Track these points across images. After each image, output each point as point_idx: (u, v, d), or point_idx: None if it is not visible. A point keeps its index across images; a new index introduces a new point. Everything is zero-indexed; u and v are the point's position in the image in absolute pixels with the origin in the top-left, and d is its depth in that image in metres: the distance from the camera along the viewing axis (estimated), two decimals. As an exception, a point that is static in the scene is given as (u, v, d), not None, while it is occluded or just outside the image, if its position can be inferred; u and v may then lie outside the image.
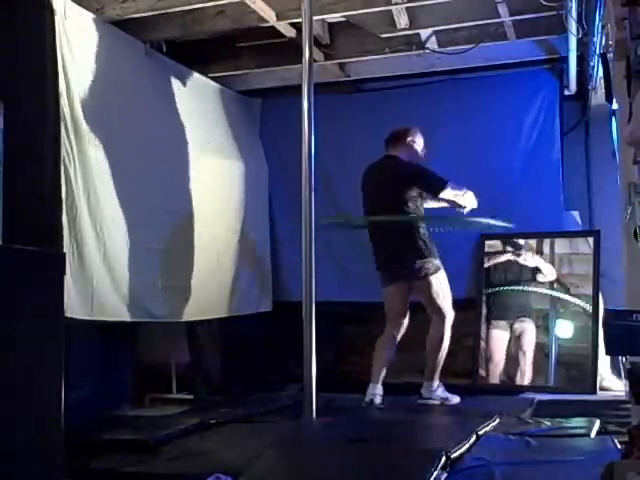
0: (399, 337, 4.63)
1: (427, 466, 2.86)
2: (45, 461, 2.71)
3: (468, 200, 4.63)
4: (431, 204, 4.72)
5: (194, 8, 4.36)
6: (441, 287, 4.53)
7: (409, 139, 4.71)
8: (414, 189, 4.57)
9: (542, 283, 5.25)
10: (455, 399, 4.57)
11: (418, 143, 4.74)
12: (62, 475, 2.78)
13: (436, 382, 4.56)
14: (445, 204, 4.73)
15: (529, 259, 5.29)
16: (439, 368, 4.55)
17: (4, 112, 3.38)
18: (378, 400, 4.51)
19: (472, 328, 5.29)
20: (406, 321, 4.63)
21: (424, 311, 4.61)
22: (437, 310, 4.54)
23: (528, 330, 5.18)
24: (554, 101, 5.40)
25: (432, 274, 4.50)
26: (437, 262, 4.53)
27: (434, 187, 4.60)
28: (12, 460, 2.54)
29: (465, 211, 4.68)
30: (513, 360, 5.19)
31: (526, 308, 5.26)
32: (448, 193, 4.60)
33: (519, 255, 5.32)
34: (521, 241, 5.37)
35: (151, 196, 4.42)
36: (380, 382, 4.56)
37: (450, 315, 4.55)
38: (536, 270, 5.27)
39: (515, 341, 5.21)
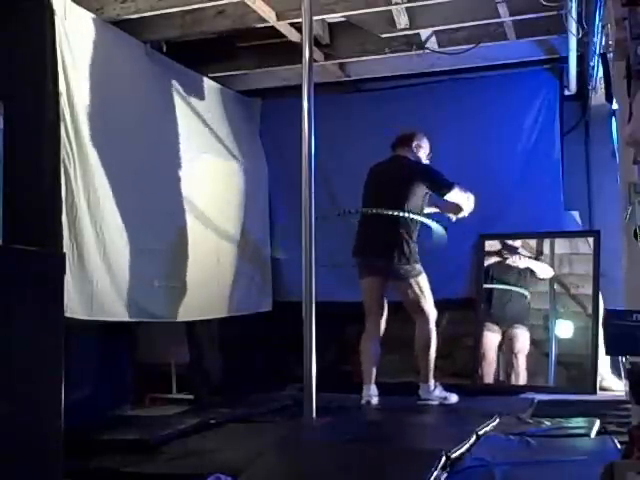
0: (380, 332, 4.62)
1: (427, 466, 2.86)
2: (45, 461, 2.71)
3: (469, 204, 4.66)
4: (426, 209, 4.73)
5: (194, 8, 4.36)
6: (422, 289, 4.55)
7: (416, 143, 4.74)
8: (422, 187, 4.58)
9: (541, 280, 5.25)
10: (453, 397, 4.57)
11: (424, 147, 4.77)
12: (62, 475, 2.78)
13: (432, 382, 4.56)
14: (436, 210, 4.74)
15: (517, 261, 5.28)
16: (432, 368, 4.55)
17: (4, 112, 3.38)
18: (375, 401, 4.52)
19: (472, 328, 5.30)
20: (384, 316, 4.62)
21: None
22: (419, 311, 4.55)
23: (520, 336, 5.18)
24: (554, 101, 5.40)
25: (413, 277, 4.52)
26: (419, 267, 4.54)
27: (442, 187, 4.63)
28: (12, 460, 2.53)
29: (454, 218, 4.70)
30: (507, 362, 5.20)
31: (521, 313, 5.26)
32: (454, 195, 4.62)
33: (506, 258, 5.30)
34: (517, 243, 5.37)
35: (151, 196, 4.42)
36: (373, 382, 4.56)
37: (433, 314, 4.56)
38: (530, 271, 5.27)
39: (507, 345, 5.21)
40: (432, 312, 4.57)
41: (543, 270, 5.25)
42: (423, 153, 4.76)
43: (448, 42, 4.97)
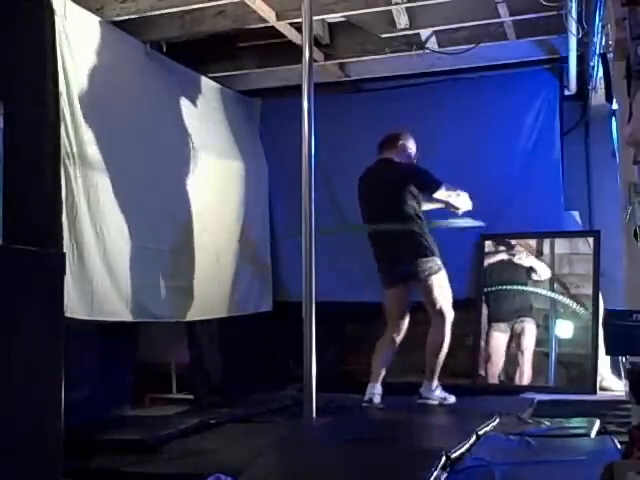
0: (399, 339, 4.64)
1: (427, 466, 2.86)
2: (45, 461, 2.71)
3: (462, 201, 4.67)
4: (427, 206, 4.73)
5: (194, 8, 4.36)
6: (442, 287, 4.56)
7: (401, 142, 4.73)
8: (412, 188, 4.58)
9: (538, 282, 5.26)
10: (451, 399, 4.57)
11: (410, 146, 4.75)
12: (62, 475, 2.78)
13: (435, 382, 4.57)
14: (440, 205, 4.75)
15: (523, 258, 5.29)
16: (439, 368, 4.56)
17: (4, 112, 3.38)
18: (377, 399, 4.52)
19: (472, 328, 5.30)
20: (406, 323, 4.64)
21: (424, 311, 4.61)
22: (438, 311, 4.55)
23: (528, 330, 5.18)
24: (554, 101, 5.40)
25: (434, 274, 4.51)
26: (439, 261, 4.54)
27: (430, 187, 4.63)
28: (12, 460, 2.53)
29: (460, 212, 4.71)
30: (512, 360, 5.19)
31: (526, 308, 5.25)
32: (442, 193, 4.64)
33: (513, 255, 5.31)
34: (514, 241, 5.38)
35: (151, 196, 4.42)
36: (379, 382, 4.57)
37: (450, 315, 4.56)
38: (531, 269, 5.28)
39: (515, 341, 5.21)
40: (449, 312, 4.56)
41: (543, 270, 5.25)
42: (410, 152, 4.75)
43: (448, 42, 4.97)
